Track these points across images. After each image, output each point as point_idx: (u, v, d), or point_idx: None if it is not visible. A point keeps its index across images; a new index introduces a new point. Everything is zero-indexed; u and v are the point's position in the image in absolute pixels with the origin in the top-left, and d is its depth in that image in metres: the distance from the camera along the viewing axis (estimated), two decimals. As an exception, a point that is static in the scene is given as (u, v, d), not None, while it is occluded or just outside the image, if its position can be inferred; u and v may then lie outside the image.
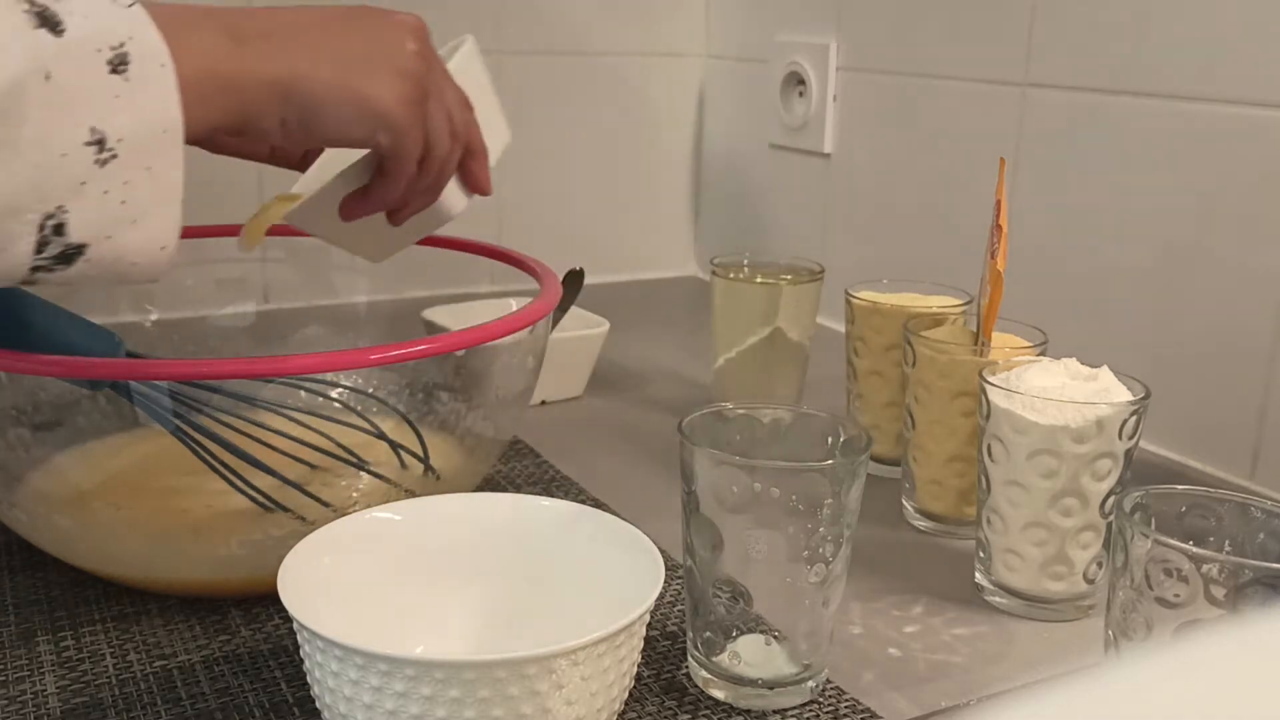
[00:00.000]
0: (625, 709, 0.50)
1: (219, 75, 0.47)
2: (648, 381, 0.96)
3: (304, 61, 0.50)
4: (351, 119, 0.52)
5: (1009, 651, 0.57)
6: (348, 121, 0.52)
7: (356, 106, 0.51)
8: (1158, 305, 0.81)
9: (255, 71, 0.49)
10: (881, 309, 0.75)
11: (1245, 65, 0.74)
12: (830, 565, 0.50)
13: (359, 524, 0.51)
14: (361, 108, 0.51)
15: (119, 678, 0.52)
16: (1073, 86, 0.86)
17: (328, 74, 0.50)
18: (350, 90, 0.51)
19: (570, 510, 0.53)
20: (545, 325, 0.66)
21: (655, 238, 1.32)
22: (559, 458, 0.78)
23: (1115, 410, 0.57)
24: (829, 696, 0.52)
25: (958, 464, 0.68)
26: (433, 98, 0.55)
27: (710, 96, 1.29)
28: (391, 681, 0.40)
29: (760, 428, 0.55)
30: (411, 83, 0.53)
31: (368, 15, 0.54)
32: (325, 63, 0.51)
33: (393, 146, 0.54)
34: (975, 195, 0.92)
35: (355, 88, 0.51)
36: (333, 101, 0.51)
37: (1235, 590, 0.44)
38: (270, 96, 0.49)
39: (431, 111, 0.55)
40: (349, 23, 0.53)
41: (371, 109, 0.52)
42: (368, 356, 0.61)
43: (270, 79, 0.49)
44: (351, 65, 0.52)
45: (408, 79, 0.53)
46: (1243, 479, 0.76)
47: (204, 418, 0.61)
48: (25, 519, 0.59)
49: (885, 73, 1.04)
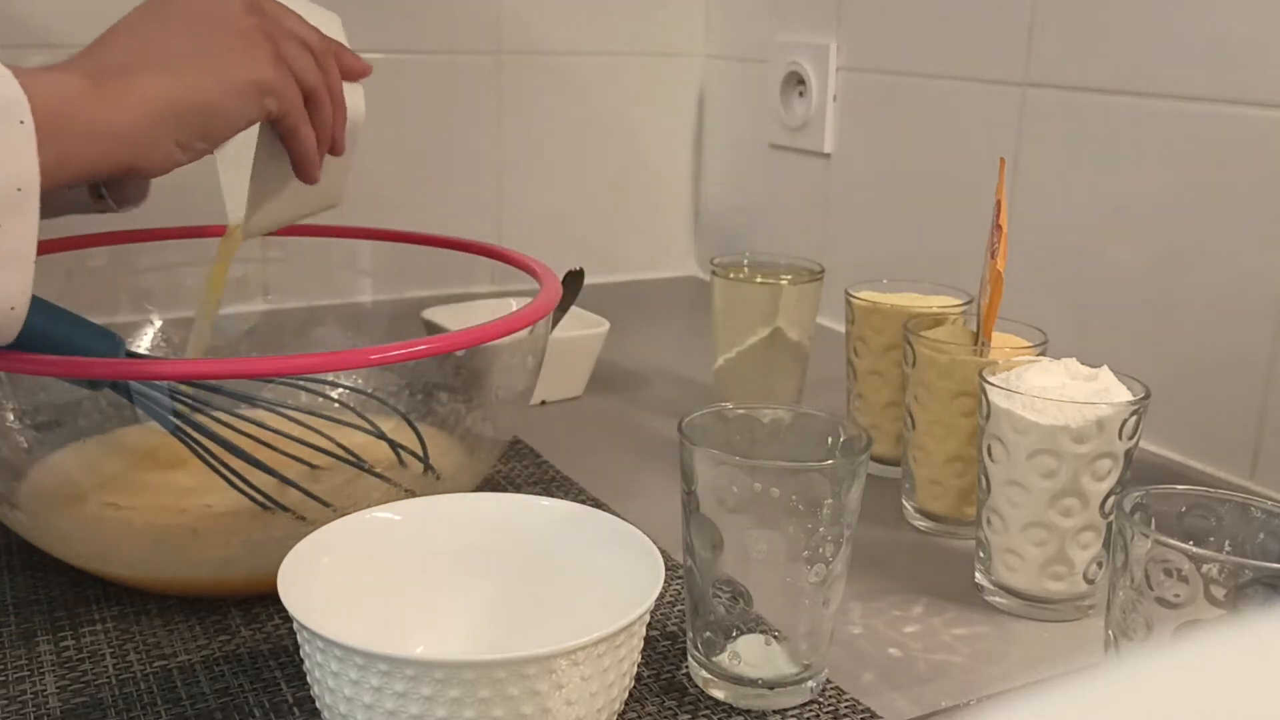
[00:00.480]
0: (625, 709, 0.50)
1: (89, 122, 0.47)
2: (648, 381, 0.96)
3: (167, 79, 0.50)
4: (238, 105, 0.52)
5: (1009, 651, 0.57)
6: (236, 109, 0.52)
7: (235, 92, 0.52)
8: (1158, 305, 0.81)
9: (129, 112, 0.48)
10: (881, 309, 0.75)
11: (1245, 65, 0.74)
12: (830, 565, 0.50)
13: (359, 524, 0.51)
14: (240, 90, 0.52)
15: (119, 678, 0.52)
16: (1073, 86, 0.86)
17: (193, 78, 0.51)
18: (222, 81, 0.52)
19: (570, 510, 0.53)
20: (545, 325, 0.66)
21: (655, 238, 1.32)
22: (559, 458, 0.78)
23: (1115, 410, 0.57)
24: (829, 696, 0.52)
25: (958, 464, 0.68)
26: (280, 39, 0.55)
27: (710, 96, 1.29)
28: (391, 681, 0.40)
29: (760, 428, 0.55)
30: (260, 38, 0.54)
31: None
32: (186, 70, 0.51)
33: (280, 105, 0.55)
34: (975, 195, 0.92)
35: (224, 76, 0.52)
36: (215, 98, 0.51)
37: (1235, 590, 0.44)
38: (155, 129, 0.49)
39: (289, 54, 0.55)
40: (177, 15, 0.53)
41: (247, 86, 0.52)
42: (368, 356, 0.61)
43: (146, 113, 0.49)
44: (208, 56, 0.52)
45: (255, 37, 0.53)
46: (1243, 479, 0.76)
47: (204, 418, 0.61)
48: (25, 519, 0.59)
49: (885, 73, 1.04)
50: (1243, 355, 0.75)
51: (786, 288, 0.83)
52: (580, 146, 1.24)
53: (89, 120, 0.47)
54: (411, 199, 1.14)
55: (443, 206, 1.16)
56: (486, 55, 1.16)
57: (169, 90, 0.50)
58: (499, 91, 1.17)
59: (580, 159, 1.24)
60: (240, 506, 0.58)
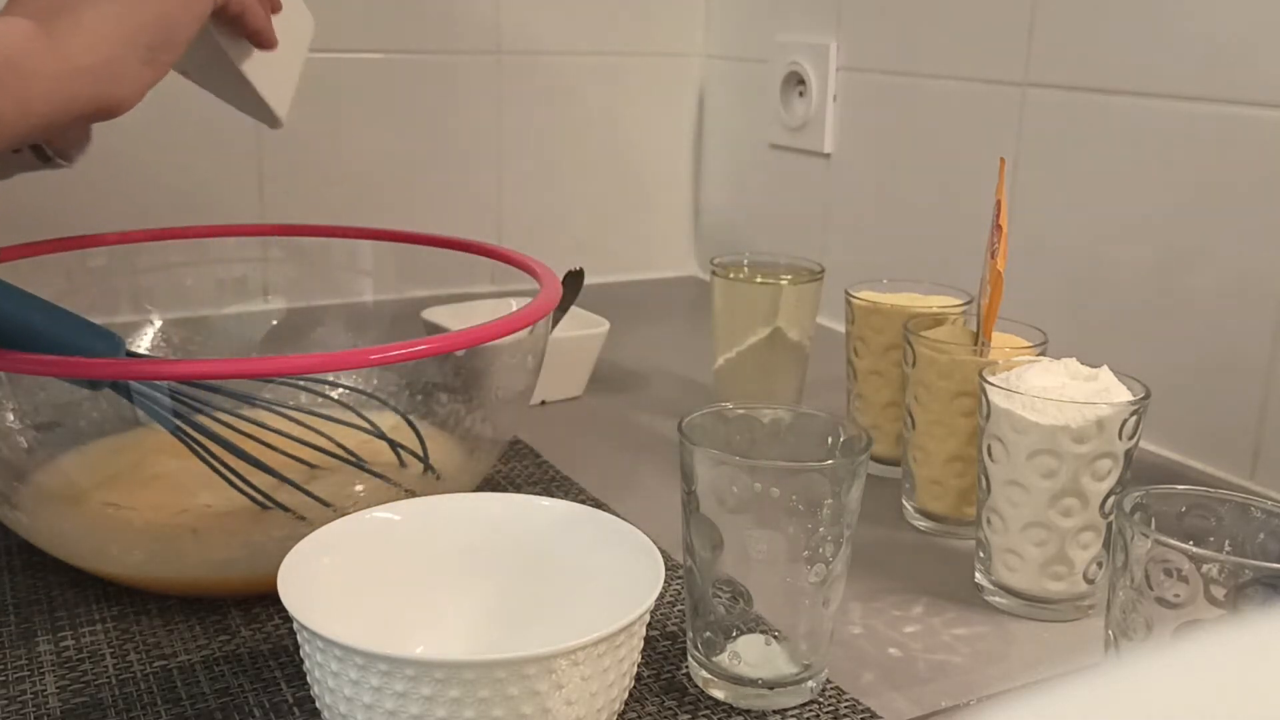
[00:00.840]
0: (625, 709, 0.50)
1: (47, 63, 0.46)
2: (648, 381, 0.96)
3: (114, 2, 0.49)
4: (194, 17, 0.53)
5: (1009, 651, 0.57)
6: (187, 7, 0.53)
7: (186, 8, 0.52)
8: (1158, 305, 0.81)
9: (84, 41, 0.48)
10: (881, 309, 0.75)
11: (1245, 65, 0.74)
12: (830, 565, 0.50)
13: (359, 524, 0.51)
14: (191, 5, 0.53)
15: (119, 678, 0.52)
16: (1073, 86, 0.86)
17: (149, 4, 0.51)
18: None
19: (570, 510, 0.53)
20: (545, 325, 0.66)
21: (655, 238, 1.32)
22: (559, 458, 0.78)
23: (1115, 410, 0.57)
24: (829, 696, 0.52)
25: (958, 464, 0.68)
26: None
27: (710, 96, 1.29)
28: (391, 681, 0.40)
29: (760, 428, 0.55)
30: None
31: None
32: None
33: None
34: (975, 195, 0.92)
35: None
36: (166, 6, 0.51)
37: (1235, 590, 0.44)
38: (116, 53, 0.49)
39: None
40: None
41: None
42: (368, 356, 0.61)
43: (104, 38, 0.48)
44: None
45: None
46: (1243, 479, 0.76)
47: (204, 418, 0.61)
48: (25, 519, 0.59)
49: (885, 73, 1.04)
50: (1243, 355, 0.75)
51: (786, 288, 0.83)
52: (580, 146, 1.24)
53: (46, 61, 0.46)
54: (411, 199, 1.14)
55: (443, 206, 1.16)
56: (486, 55, 1.16)
57: (119, 11, 0.49)
58: (498, 91, 1.17)
59: (580, 159, 1.24)
60: (240, 506, 0.58)
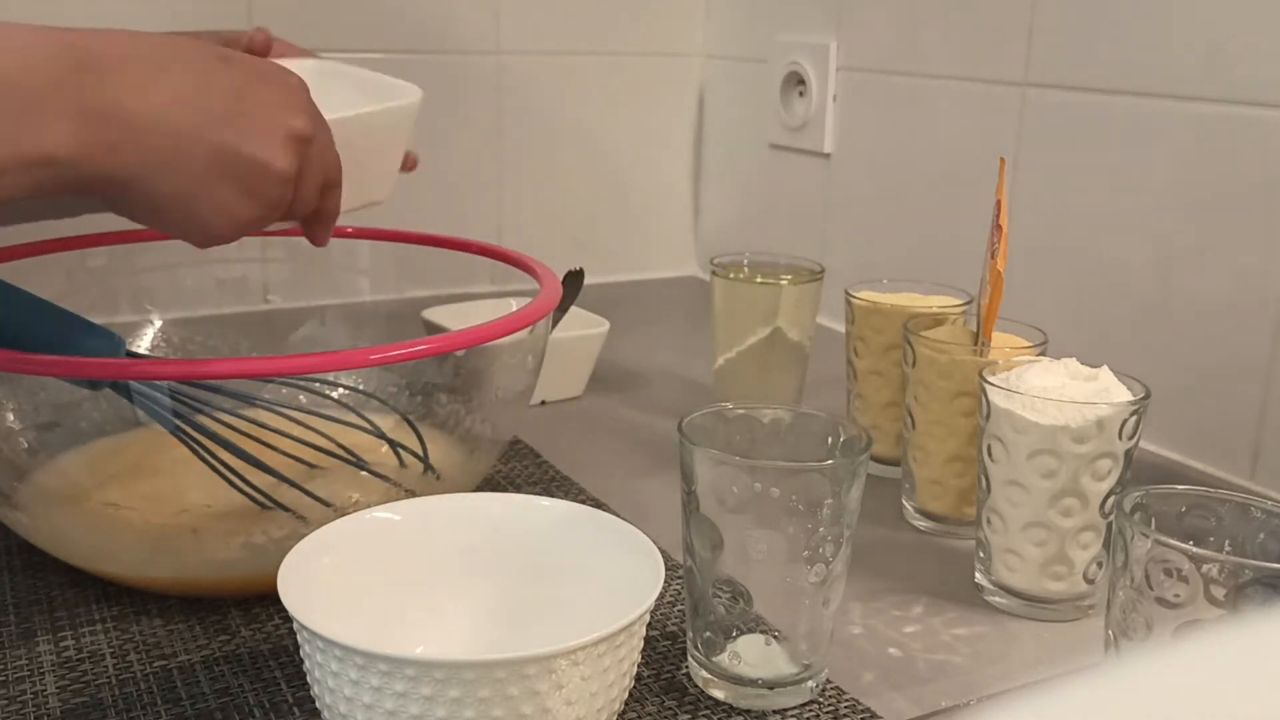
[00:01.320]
0: (625, 709, 0.50)
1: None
2: (648, 381, 0.96)
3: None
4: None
5: (1009, 651, 0.57)
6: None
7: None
8: (1158, 305, 0.81)
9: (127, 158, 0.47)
10: (881, 309, 0.75)
11: (1245, 65, 0.74)
12: (830, 565, 0.50)
13: (359, 524, 0.51)
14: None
15: (119, 678, 0.52)
16: (1073, 86, 0.86)
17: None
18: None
19: (570, 510, 0.53)
20: (545, 325, 0.66)
21: (655, 238, 1.32)
22: (559, 458, 0.78)
23: (1115, 410, 0.57)
24: (829, 696, 0.52)
25: (958, 464, 0.68)
26: (305, 177, 0.54)
27: (710, 96, 1.29)
28: (391, 681, 0.40)
29: (760, 428, 0.55)
30: (296, 150, 0.52)
31: (252, 76, 0.52)
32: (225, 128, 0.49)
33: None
34: (975, 195, 0.92)
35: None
36: None
37: (1235, 590, 0.44)
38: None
39: (301, 194, 0.55)
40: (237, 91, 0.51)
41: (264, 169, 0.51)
42: (367, 356, 0.61)
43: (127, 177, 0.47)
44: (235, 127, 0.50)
45: (292, 147, 0.52)
46: (1243, 479, 0.76)
47: (204, 418, 0.61)
48: (25, 519, 0.59)
49: (885, 73, 1.04)
50: (1242, 355, 0.75)
51: (786, 288, 0.83)
52: (580, 146, 1.24)
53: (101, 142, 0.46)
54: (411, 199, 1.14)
55: (443, 206, 1.16)
56: (486, 55, 1.16)
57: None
58: (499, 91, 1.17)
59: (580, 159, 1.24)
60: (240, 506, 0.58)
